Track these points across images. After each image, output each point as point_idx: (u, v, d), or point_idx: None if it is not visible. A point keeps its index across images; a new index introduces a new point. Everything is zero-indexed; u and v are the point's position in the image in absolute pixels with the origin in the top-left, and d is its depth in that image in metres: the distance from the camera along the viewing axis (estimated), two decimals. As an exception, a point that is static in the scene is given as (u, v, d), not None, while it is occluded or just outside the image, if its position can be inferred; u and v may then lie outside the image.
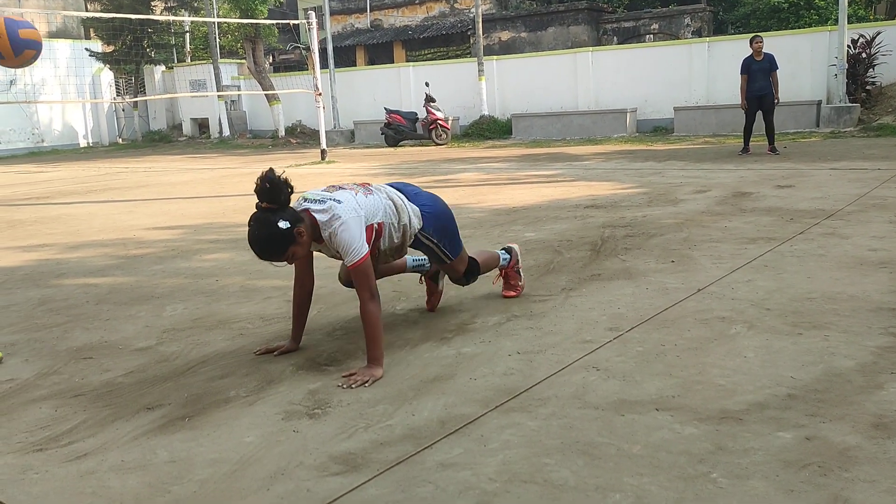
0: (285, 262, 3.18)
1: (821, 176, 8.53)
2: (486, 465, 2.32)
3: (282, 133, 22.32)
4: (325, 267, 5.22)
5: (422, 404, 2.81)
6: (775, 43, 16.73)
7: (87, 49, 25.58)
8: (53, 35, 27.78)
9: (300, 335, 3.53)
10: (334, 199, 3.23)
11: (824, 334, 3.33)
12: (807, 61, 16.39)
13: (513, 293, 4.19)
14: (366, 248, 3.16)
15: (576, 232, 5.99)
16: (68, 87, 25.36)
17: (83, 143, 26.03)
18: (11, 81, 23.99)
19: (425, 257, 3.88)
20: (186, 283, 5.00)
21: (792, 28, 18.82)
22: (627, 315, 3.76)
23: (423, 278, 4.06)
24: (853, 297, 3.85)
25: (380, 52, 27.30)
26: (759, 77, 11.38)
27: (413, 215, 3.55)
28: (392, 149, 18.29)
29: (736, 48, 17.14)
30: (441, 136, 18.01)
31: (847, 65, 15.13)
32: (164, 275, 5.28)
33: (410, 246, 3.64)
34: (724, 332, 3.43)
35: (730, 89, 17.07)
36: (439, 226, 3.67)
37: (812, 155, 10.93)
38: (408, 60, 25.37)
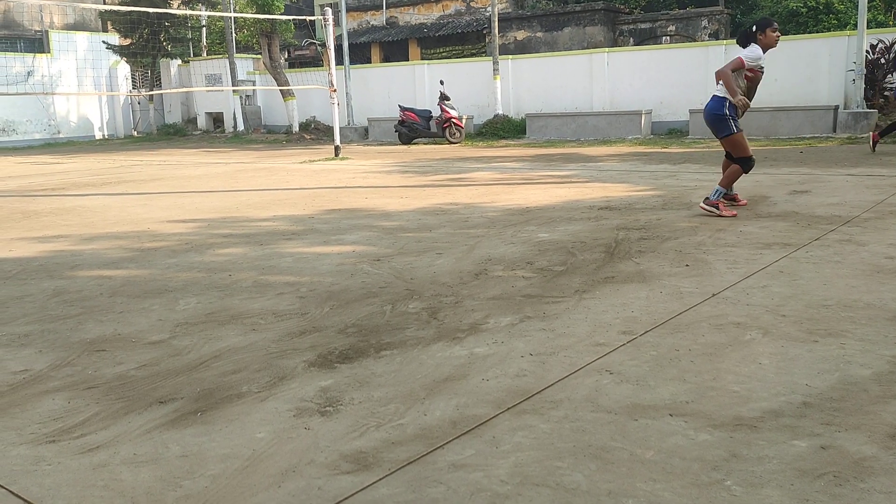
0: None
1: (837, 181, 8.46)
2: (497, 466, 2.31)
3: (296, 129, 22.37)
4: (336, 264, 5.23)
5: (434, 404, 2.80)
6: (793, 47, 16.67)
7: (104, 42, 25.71)
8: (71, 27, 27.95)
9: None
10: None
11: (840, 342, 3.30)
12: (825, 66, 16.29)
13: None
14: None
15: (589, 233, 5.97)
16: (85, 79, 25.53)
17: (98, 136, 26.18)
18: (29, 73, 24.16)
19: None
20: (200, 277, 5.02)
21: (810, 32, 18.70)
22: (641, 319, 3.74)
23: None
24: (870, 304, 3.82)
25: (395, 49, 27.32)
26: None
27: None
28: (405, 146, 18.30)
29: (753, 51, 17.04)
30: (455, 134, 18.00)
31: (865, 70, 15.02)
32: (177, 268, 5.30)
33: None
34: (738, 337, 3.41)
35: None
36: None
37: (828, 160, 10.85)
38: (423, 58, 25.39)
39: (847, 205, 6.81)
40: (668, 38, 21.81)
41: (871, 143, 11.58)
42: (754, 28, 6.44)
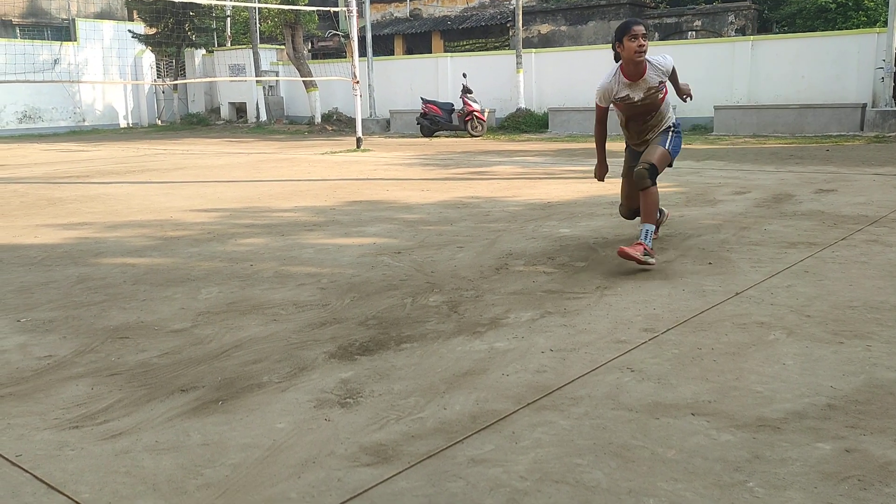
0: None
1: (864, 181, 8.35)
2: (517, 462, 2.31)
3: (318, 120, 22.43)
4: (357, 256, 5.24)
5: (453, 398, 2.80)
6: (821, 44, 16.47)
7: (129, 31, 25.92)
8: (97, 16, 28.17)
9: (605, 158, 5.25)
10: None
11: (866, 344, 3.25)
12: (853, 63, 16.07)
13: (629, 251, 4.51)
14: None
15: (611, 229, 5.93)
16: (110, 67, 25.75)
17: (123, 124, 26.41)
18: (55, 61, 24.40)
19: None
20: (221, 266, 5.04)
21: (839, 29, 18.44)
22: (663, 316, 3.71)
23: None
24: (897, 306, 3.76)
25: (418, 41, 27.29)
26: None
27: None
28: (427, 139, 18.28)
29: (781, 48, 16.87)
30: (477, 127, 17.96)
31: (894, 68, 14.79)
32: (199, 257, 5.33)
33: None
34: (762, 337, 3.37)
35: (773, 89, 16.81)
36: (680, 133, 5.06)
37: (855, 159, 10.71)
38: (446, 51, 25.33)
39: (874, 204, 6.71)
40: (693, 33, 21.60)
41: None
42: (614, 37, 4.80)
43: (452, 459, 2.34)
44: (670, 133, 4.99)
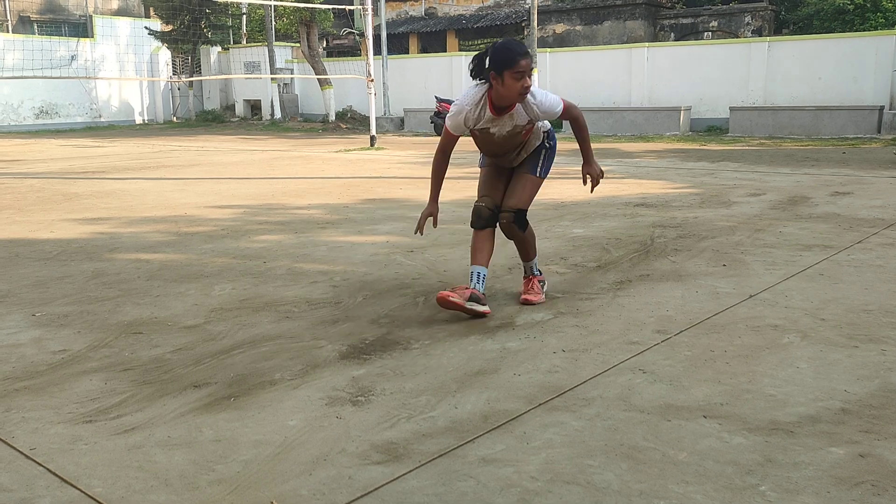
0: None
1: (881, 184, 8.28)
2: (528, 462, 2.30)
3: (332, 118, 22.47)
4: (370, 254, 5.24)
5: (465, 397, 2.80)
6: (839, 45, 16.34)
7: (146, 28, 26.06)
8: (115, 13, 28.35)
9: (438, 197, 4.11)
10: None
11: (881, 348, 3.23)
12: (870, 65, 15.94)
13: (533, 299, 4.01)
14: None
15: (625, 230, 5.91)
16: (127, 64, 25.91)
17: (139, 120, 26.56)
18: (72, 57, 24.57)
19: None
20: (235, 263, 5.06)
21: (857, 30, 18.30)
22: (676, 318, 3.69)
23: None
24: (913, 311, 3.73)
25: (433, 40, 27.30)
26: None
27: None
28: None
29: (797, 49, 16.76)
30: (490, 127, 17.92)
31: (913, 70, 14.68)
32: (213, 254, 5.35)
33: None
34: (776, 340, 3.35)
35: (789, 91, 16.70)
36: (554, 145, 4.27)
37: (872, 162, 10.62)
38: (461, 50, 25.31)
39: (890, 207, 6.66)
40: (709, 33, 21.50)
41: None
42: (487, 62, 3.71)
43: (463, 459, 2.34)
44: (542, 154, 4.13)
